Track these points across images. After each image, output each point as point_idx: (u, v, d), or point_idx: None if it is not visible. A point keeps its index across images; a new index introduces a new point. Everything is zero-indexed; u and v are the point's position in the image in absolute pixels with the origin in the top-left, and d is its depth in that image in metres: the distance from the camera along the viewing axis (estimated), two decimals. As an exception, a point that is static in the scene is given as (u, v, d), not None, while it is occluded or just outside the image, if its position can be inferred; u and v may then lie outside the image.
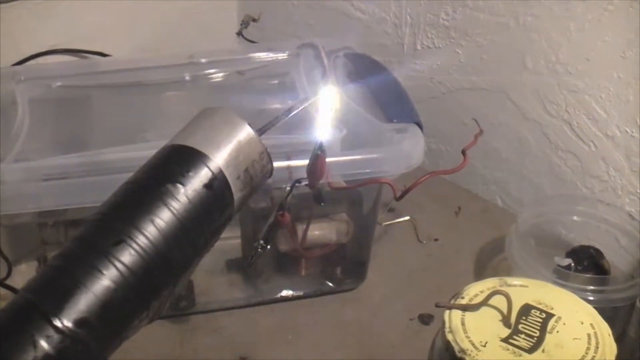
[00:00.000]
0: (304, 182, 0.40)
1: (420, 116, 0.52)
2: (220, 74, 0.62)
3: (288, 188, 0.41)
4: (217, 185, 0.29)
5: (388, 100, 0.54)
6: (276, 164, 0.38)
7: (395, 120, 0.52)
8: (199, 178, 0.29)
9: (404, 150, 0.49)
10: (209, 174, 0.29)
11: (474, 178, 0.70)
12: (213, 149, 0.29)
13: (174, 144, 0.30)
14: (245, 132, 0.31)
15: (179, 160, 0.29)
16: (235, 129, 0.30)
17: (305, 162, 0.40)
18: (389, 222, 0.63)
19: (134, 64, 0.61)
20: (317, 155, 0.38)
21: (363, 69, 0.59)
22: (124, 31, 0.71)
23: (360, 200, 0.53)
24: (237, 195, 0.30)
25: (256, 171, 0.31)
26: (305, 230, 0.51)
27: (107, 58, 0.67)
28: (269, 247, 0.41)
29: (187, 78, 0.61)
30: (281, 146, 0.47)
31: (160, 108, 0.60)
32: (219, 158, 0.29)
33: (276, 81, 0.63)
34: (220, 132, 0.30)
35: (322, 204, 0.44)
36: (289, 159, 0.46)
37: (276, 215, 0.41)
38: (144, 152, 0.30)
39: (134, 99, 0.60)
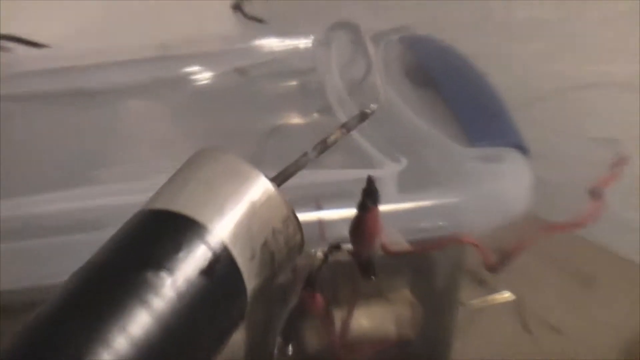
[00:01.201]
0: (345, 246, 0.42)
1: (522, 135, 0.54)
2: (210, 74, 0.65)
3: (319, 254, 0.43)
4: (221, 270, 0.30)
5: (471, 111, 0.56)
6: (301, 217, 0.40)
7: (483, 143, 0.53)
8: (194, 261, 0.29)
9: (499, 191, 0.51)
10: (208, 255, 0.29)
11: (613, 226, 0.70)
12: (213, 215, 0.30)
13: (154, 209, 0.31)
14: (261, 187, 0.32)
15: (162, 233, 0.30)
16: (245, 184, 0.31)
17: (345, 212, 0.43)
18: (478, 303, 0.63)
19: (77, 59, 0.64)
20: (366, 205, 0.40)
21: (430, 60, 0.61)
22: (63, 8, 0.74)
23: (432, 271, 0.54)
24: (251, 283, 0.31)
25: (279, 245, 0.32)
26: (348, 319, 0.52)
27: (34, 51, 0.70)
28: (290, 347, 0.43)
29: (159, 80, 0.65)
30: (306, 187, 0.50)
31: (118, 129, 0.63)
32: (223, 229, 0.30)
33: (295, 82, 0.66)
34: (222, 188, 0.31)
35: (373, 277, 0.46)
36: (319, 208, 0.48)
37: (302, 297, 0.43)
38: (96, 201, 0.31)
39: (77, 115, 0.63)
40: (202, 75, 0.65)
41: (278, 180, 0.34)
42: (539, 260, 0.65)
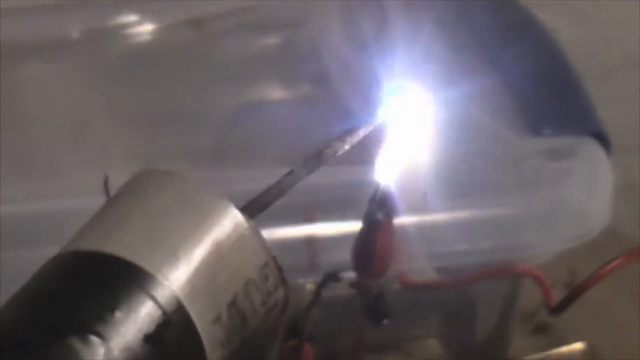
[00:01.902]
0: (346, 276, 0.43)
1: (603, 121, 0.55)
2: (150, 26, 0.66)
3: (309, 287, 0.44)
4: (174, 337, 0.30)
5: (533, 86, 0.57)
6: (285, 233, 0.41)
7: (548, 131, 0.54)
8: (136, 323, 0.29)
9: (569, 199, 0.52)
10: (157, 315, 0.30)
11: None
12: (164, 261, 0.31)
13: (80, 251, 0.31)
14: (230, 222, 0.32)
15: (92, 285, 0.30)
16: (208, 218, 0.32)
17: (347, 227, 0.43)
18: (537, 357, 0.64)
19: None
20: (375, 218, 0.41)
21: (475, 10, 0.62)
22: None
23: (471, 313, 0.55)
24: (214, 355, 0.31)
25: (254, 304, 0.32)
26: (348, 381, 0.53)
27: None
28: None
29: (76, 35, 0.65)
30: (292, 192, 0.50)
31: (14, 104, 0.63)
32: (177, 281, 0.30)
33: (276, 40, 0.67)
34: (176, 225, 0.31)
35: (386, 321, 0.46)
36: (309, 220, 0.48)
37: (284, 350, 0.44)
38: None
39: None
40: (139, 29, 0.66)
41: (252, 208, 0.34)
42: (622, 296, 0.65)
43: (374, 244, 0.40)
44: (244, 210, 0.33)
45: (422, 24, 0.62)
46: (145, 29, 0.66)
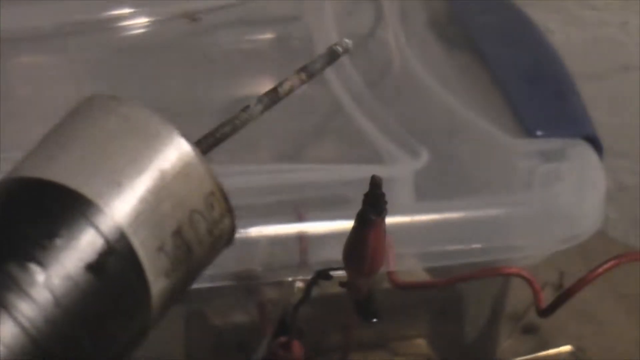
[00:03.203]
0: (336, 274, 0.43)
1: (595, 124, 0.55)
2: (145, 20, 0.66)
3: (299, 285, 0.44)
4: (116, 265, 0.30)
5: (526, 87, 0.57)
6: (274, 230, 0.41)
7: (540, 133, 0.54)
8: (77, 251, 0.29)
9: (560, 201, 0.52)
10: (99, 243, 0.30)
11: None
12: (106, 188, 0.30)
13: (21, 177, 0.31)
14: (176, 150, 0.31)
15: (32, 212, 0.30)
16: (153, 145, 0.31)
17: (338, 226, 0.44)
18: (525, 359, 0.64)
19: None
20: (367, 217, 0.41)
21: (468, 11, 0.63)
22: None
23: (460, 313, 0.55)
24: (157, 285, 0.31)
25: (199, 233, 0.32)
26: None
27: None
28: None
29: (71, 27, 0.65)
30: (283, 189, 0.50)
31: (9, 95, 0.63)
32: (119, 209, 0.30)
33: (269, 35, 0.67)
34: (120, 151, 0.31)
35: (375, 319, 0.46)
36: (300, 218, 0.48)
37: (273, 346, 0.44)
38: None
39: None
40: (133, 22, 0.66)
41: (203, 144, 0.34)
42: (610, 299, 0.66)
43: (366, 243, 0.41)
44: (197, 145, 0.32)
45: (416, 21, 0.62)
46: (139, 22, 0.65)
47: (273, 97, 0.35)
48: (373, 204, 0.40)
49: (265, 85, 0.66)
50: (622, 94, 0.75)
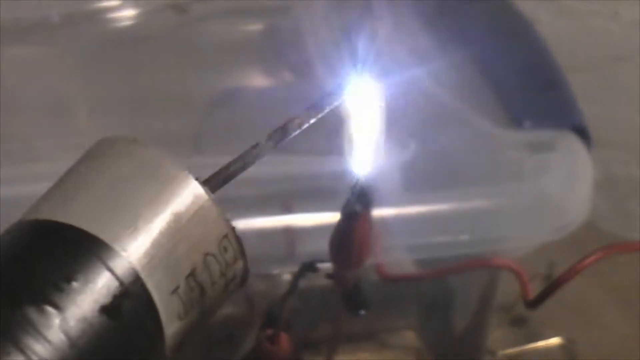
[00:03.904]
0: (323, 267, 0.43)
1: (583, 114, 0.55)
2: (132, 11, 0.66)
3: (286, 278, 0.44)
4: (131, 308, 0.30)
5: (514, 78, 0.58)
6: (261, 222, 0.41)
7: (528, 123, 0.55)
8: (92, 294, 0.30)
9: (548, 192, 0.52)
10: (114, 286, 0.30)
11: None
12: (122, 231, 0.31)
13: (37, 220, 0.31)
14: (190, 194, 0.32)
15: (48, 254, 0.30)
16: (167, 189, 0.32)
17: (325, 218, 0.44)
18: (514, 352, 0.64)
19: None
20: (353, 209, 0.41)
21: (458, 4, 0.62)
22: None
23: (449, 305, 0.55)
24: (171, 327, 0.31)
25: (213, 276, 0.32)
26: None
27: None
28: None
29: (57, 18, 0.65)
30: (269, 182, 0.50)
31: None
32: (135, 252, 0.31)
33: (258, 26, 0.67)
34: (135, 195, 0.31)
35: (363, 311, 0.47)
36: (287, 210, 0.49)
37: (260, 338, 0.44)
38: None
39: None
40: (121, 13, 0.66)
41: (213, 183, 0.34)
42: (600, 292, 0.66)
43: (351, 234, 0.41)
44: (206, 182, 0.33)
45: (407, 14, 0.62)
46: (127, 13, 0.66)
47: (282, 135, 0.35)
48: (359, 196, 0.40)
49: (254, 77, 0.67)
50: (613, 85, 0.75)
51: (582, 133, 0.54)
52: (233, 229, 0.33)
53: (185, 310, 0.32)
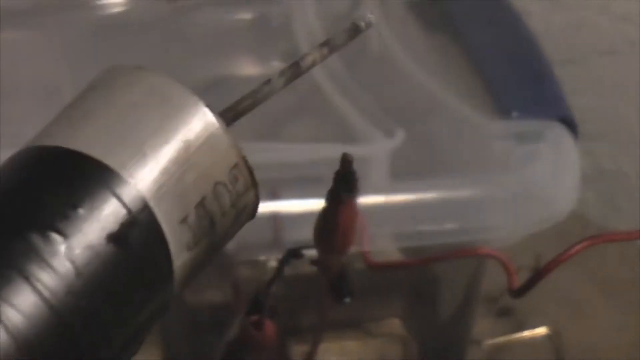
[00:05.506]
0: (307, 253, 0.43)
1: (569, 106, 0.55)
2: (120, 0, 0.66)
3: (272, 264, 0.44)
4: (139, 236, 0.30)
5: (503, 69, 0.57)
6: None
7: (515, 114, 0.55)
8: (99, 222, 0.29)
9: (535, 182, 0.52)
10: (121, 213, 0.29)
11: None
12: (129, 158, 0.30)
13: (43, 146, 0.31)
14: (201, 121, 0.31)
15: (54, 181, 0.30)
16: (177, 116, 0.31)
17: (312, 205, 0.44)
18: (500, 341, 0.65)
19: None
20: (338, 195, 0.41)
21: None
22: None
23: (434, 294, 0.56)
24: (180, 258, 0.31)
25: (223, 206, 0.32)
26: (309, 359, 0.53)
27: None
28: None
29: (48, 5, 0.65)
30: (257, 168, 0.50)
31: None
32: (143, 179, 0.30)
33: (247, 15, 0.66)
34: (143, 121, 0.31)
35: (348, 299, 0.47)
36: (274, 197, 0.49)
37: (245, 324, 0.44)
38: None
39: None
40: (113, 0, 0.66)
41: (227, 116, 0.33)
42: (586, 280, 0.66)
43: (336, 221, 0.41)
44: (219, 114, 0.32)
45: (396, 5, 0.62)
46: (118, 1, 0.65)
47: (295, 71, 0.34)
48: (344, 182, 0.40)
49: (244, 65, 0.67)
50: (602, 78, 0.75)
51: (569, 124, 0.54)
52: (244, 158, 0.32)
53: (195, 241, 0.31)
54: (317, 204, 0.42)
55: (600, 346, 0.64)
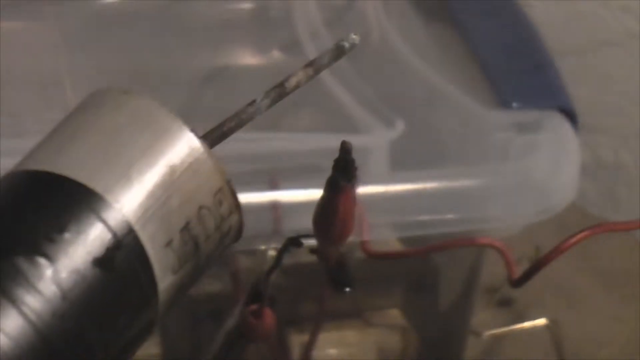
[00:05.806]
0: (308, 242, 0.43)
1: (570, 96, 0.55)
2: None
3: (271, 254, 0.44)
4: (124, 260, 0.30)
5: (503, 58, 0.57)
6: (247, 198, 0.40)
7: (515, 104, 0.54)
8: (85, 246, 0.30)
9: (535, 172, 0.52)
10: (107, 238, 0.30)
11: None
12: (115, 183, 0.30)
13: (29, 170, 0.31)
14: (185, 146, 0.32)
15: (40, 205, 0.30)
16: (162, 140, 0.31)
17: (311, 194, 0.44)
18: (499, 332, 0.65)
19: None
20: (337, 184, 0.41)
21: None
22: None
23: (434, 284, 0.55)
24: (164, 281, 0.31)
25: (207, 229, 0.32)
26: (310, 348, 0.53)
27: None
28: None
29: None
30: (256, 158, 0.50)
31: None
32: (128, 203, 0.30)
33: (247, 5, 0.66)
34: (129, 145, 0.31)
35: (348, 289, 0.47)
36: (273, 186, 0.48)
37: (244, 314, 0.44)
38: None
39: None
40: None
41: (210, 138, 0.34)
42: (586, 274, 0.66)
43: (335, 209, 0.41)
44: (202, 137, 0.32)
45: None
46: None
47: (280, 92, 0.35)
48: (343, 170, 0.40)
49: (244, 56, 0.67)
50: (602, 69, 0.75)
51: (569, 114, 0.54)
52: (229, 182, 0.32)
53: (179, 264, 0.32)
54: (316, 194, 0.42)
55: (599, 337, 0.64)
